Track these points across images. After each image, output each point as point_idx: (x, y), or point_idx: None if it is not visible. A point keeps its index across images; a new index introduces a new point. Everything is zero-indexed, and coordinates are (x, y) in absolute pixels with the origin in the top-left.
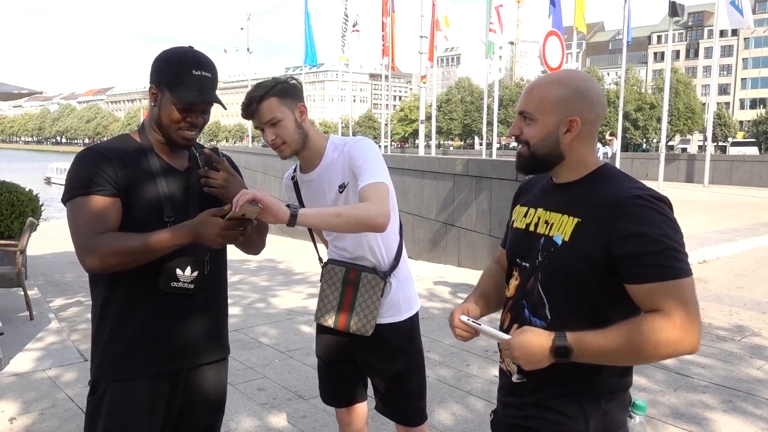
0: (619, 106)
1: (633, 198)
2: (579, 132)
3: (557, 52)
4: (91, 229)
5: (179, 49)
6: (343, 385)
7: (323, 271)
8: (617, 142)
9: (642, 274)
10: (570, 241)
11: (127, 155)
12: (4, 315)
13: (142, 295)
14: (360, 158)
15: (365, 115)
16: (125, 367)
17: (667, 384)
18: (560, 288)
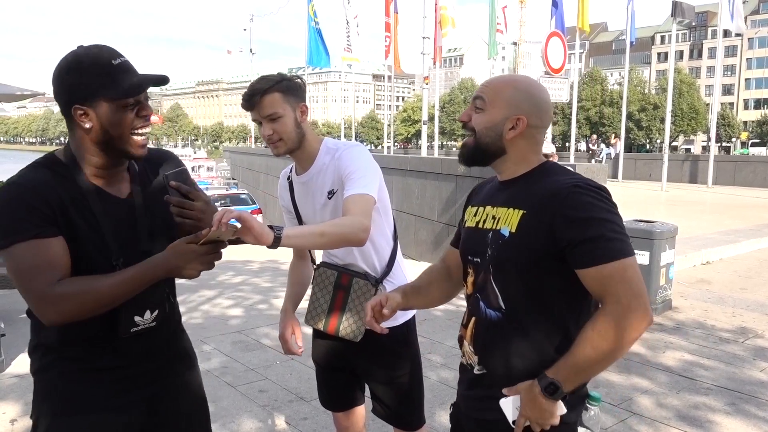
0: (622, 107)
1: (572, 188)
2: (522, 132)
3: (559, 53)
4: (45, 279)
5: (76, 52)
6: (340, 390)
7: (315, 274)
8: (620, 143)
9: (588, 258)
10: (516, 232)
11: (62, 187)
12: (5, 316)
13: (93, 332)
14: (349, 166)
15: (368, 115)
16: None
17: (670, 386)
18: (511, 278)
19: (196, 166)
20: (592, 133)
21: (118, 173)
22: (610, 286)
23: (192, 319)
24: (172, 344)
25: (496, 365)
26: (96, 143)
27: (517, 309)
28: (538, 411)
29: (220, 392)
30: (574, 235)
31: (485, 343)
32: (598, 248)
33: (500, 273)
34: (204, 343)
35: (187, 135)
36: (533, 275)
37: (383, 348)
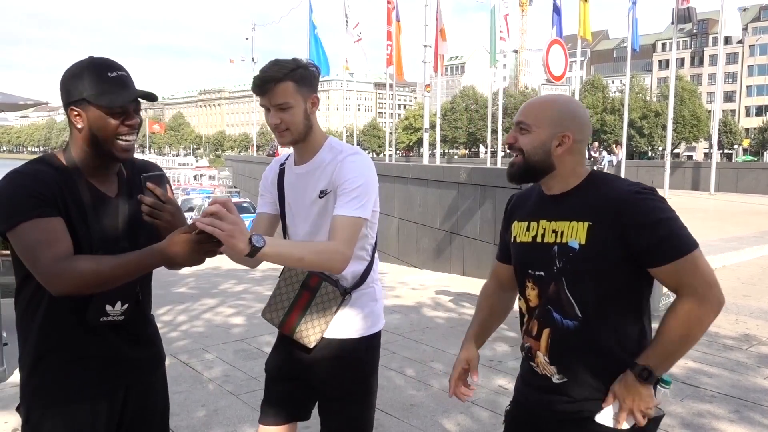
0: (624, 114)
1: (633, 194)
2: (570, 147)
3: (560, 61)
4: (51, 254)
5: (83, 61)
6: (286, 401)
7: (284, 269)
8: (622, 150)
9: (663, 257)
10: (587, 243)
11: (61, 178)
12: (8, 325)
13: (71, 322)
14: (347, 177)
15: (370, 123)
16: (60, 391)
17: (674, 394)
18: (586, 287)
19: (198, 175)
20: (594, 141)
21: (109, 174)
22: (685, 278)
23: (194, 328)
24: (142, 341)
25: (577, 370)
26: (85, 142)
27: (594, 316)
28: (637, 397)
29: (222, 401)
30: (647, 237)
31: (565, 353)
32: (671, 246)
33: (575, 284)
34: (206, 351)
35: (189, 144)
36: (609, 282)
37: (342, 360)
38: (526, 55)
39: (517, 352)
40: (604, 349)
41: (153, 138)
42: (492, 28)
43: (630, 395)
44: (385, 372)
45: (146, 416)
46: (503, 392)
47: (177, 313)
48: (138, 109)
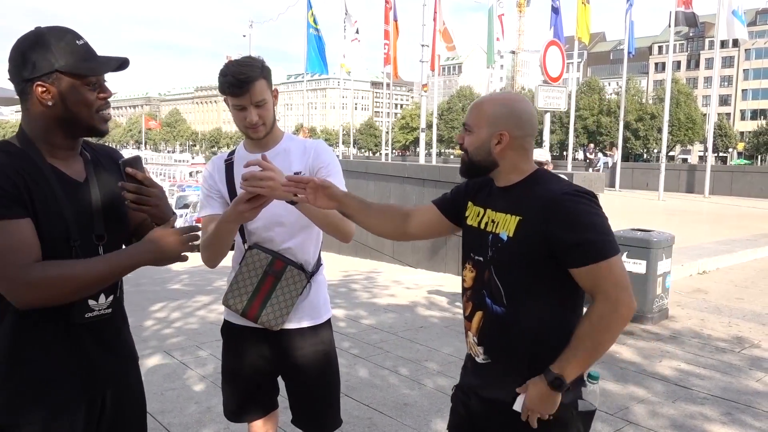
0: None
1: (563, 195)
2: (508, 144)
3: (558, 62)
4: (19, 261)
5: (40, 31)
6: (261, 395)
7: (246, 254)
8: (618, 152)
9: (579, 259)
10: (514, 236)
11: (23, 169)
12: None
13: (50, 327)
14: (329, 161)
15: (366, 122)
16: (40, 405)
17: (666, 396)
18: (511, 277)
19: (194, 172)
20: (590, 142)
21: (73, 155)
22: (599, 282)
23: (188, 325)
24: (122, 336)
25: (499, 356)
26: (56, 120)
27: (518, 305)
28: (543, 404)
29: (215, 398)
30: (566, 238)
31: (491, 336)
32: (588, 250)
33: (502, 273)
34: (200, 348)
35: (185, 140)
36: (531, 275)
37: (311, 346)
38: (522, 56)
39: None
40: (526, 338)
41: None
42: (489, 28)
43: (539, 399)
44: (379, 371)
45: (124, 420)
46: None
47: (171, 309)
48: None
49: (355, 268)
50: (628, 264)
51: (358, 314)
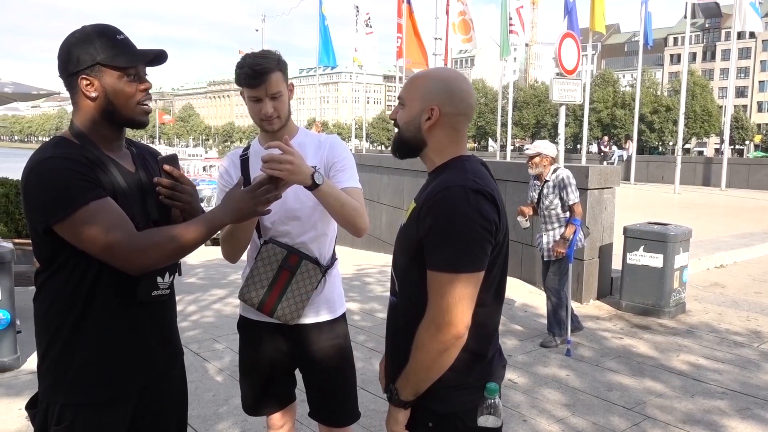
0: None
1: (443, 188)
2: (438, 121)
3: (573, 55)
4: (126, 231)
5: (85, 28)
6: (278, 388)
7: (262, 249)
8: (633, 145)
9: (426, 260)
10: (406, 223)
11: (86, 158)
12: (21, 313)
13: (114, 309)
14: (343, 155)
15: (379, 116)
16: (101, 388)
17: (684, 390)
18: (399, 266)
19: (207, 166)
20: (604, 135)
21: (121, 147)
22: (430, 293)
23: (204, 318)
24: (173, 325)
25: (387, 344)
26: (101, 111)
27: (403, 296)
28: (389, 415)
29: (233, 391)
30: (423, 235)
31: (387, 326)
32: (432, 255)
33: (394, 260)
34: (216, 341)
35: (198, 135)
36: (410, 267)
37: (328, 341)
38: (536, 48)
39: (525, 347)
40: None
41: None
42: (503, 20)
43: (389, 412)
44: None
45: (166, 416)
46: (512, 386)
47: (187, 303)
48: (145, 73)
49: (368, 262)
50: (645, 258)
51: (373, 308)
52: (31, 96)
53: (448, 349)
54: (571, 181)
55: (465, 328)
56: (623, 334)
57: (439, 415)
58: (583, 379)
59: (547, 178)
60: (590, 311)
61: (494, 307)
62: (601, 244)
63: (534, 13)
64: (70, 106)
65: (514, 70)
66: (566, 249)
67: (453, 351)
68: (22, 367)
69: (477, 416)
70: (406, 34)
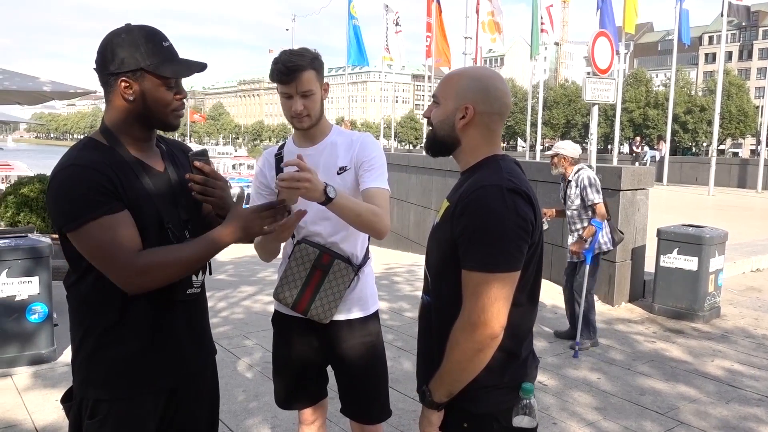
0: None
1: (479, 188)
2: (472, 120)
3: (607, 54)
4: (127, 251)
5: (131, 29)
6: (310, 384)
7: (295, 249)
8: (666, 145)
9: (461, 259)
10: (440, 222)
11: (114, 164)
12: (57, 307)
13: (146, 307)
14: (372, 154)
15: (407, 115)
16: (135, 384)
17: (719, 396)
18: (433, 266)
19: (237, 164)
20: (636, 136)
21: (151, 147)
22: (465, 292)
23: (234, 315)
24: (206, 323)
25: (420, 345)
26: (135, 114)
27: (436, 296)
28: (422, 416)
29: (263, 387)
30: (458, 234)
31: (419, 324)
32: (468, 253)
33: (427, 260)
34: (246, 338)
35: (228, 133)
36: (444, 266)
37: (359, 338)
38: (566, 48)
39: (555, 348)
40: (438, 332)
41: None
42: (533, 19)
43: (422, 413)
44: (412, 358)
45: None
46: (542, 388)
47: (217, 299)
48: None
49: (396, 261)
50: (679, 260)
51: (401, 307)
52: (68, 94)
53: (484, 349)
54: (591, 181)
55: (500, 328)
56: (656, 338)
57: (475, 416)
58: (615, 382)
59: (570, 178)
60: (622, 314)
61: (529, 307)
62: (634, 246)
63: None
64: (103, 104)
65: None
66: (582, 249)
67: (488, 351)
68: (58, 359)
69: (512, 416)
70: (435, 33)
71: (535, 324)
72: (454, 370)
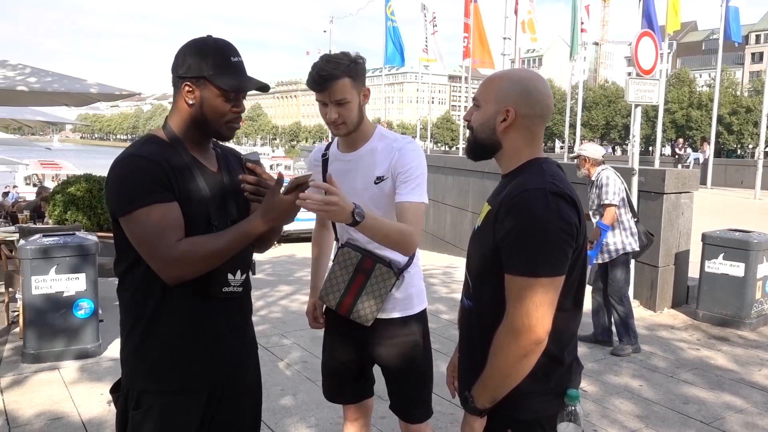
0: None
1: (522, 191)
2: (513, 122)
3: (650, 54)
4: (169, 239)
5: (206, 39)
6: (352, 382)
7: (338, 253)
8: (710, 147)
9: (504, 264)
10: (480, 225)
11: (170, 158)
12: (103, 303)
13: (190, 302)
14: (410, 165)
15: (443, 116)
16: (178, 377)
17: (766, 406)
18: (474, 270)
19: (274, 164)
20: (678, 137)
21: (207, 149)
22: (509, 297)
23: (272, 314)
24: (247, 322)
25: (461, 350)
26: (192, 118)
27: (478, 300)
28: (465, 422)
29: (300, 386)
30: (501, 238)
31: (461, 330)
32: (512, 257)
33: (468, 264)
34: (284, 337)
35: (265, 134)
36: (486, 270)
37: (403, 336)
38: (606, 47)
39: (596, 354)
40: (481, 336)
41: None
42: (573, 18)
43: (464, 420)
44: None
45: (238, 404)
46: (582, 394)
47: (255, 298)
48: (245, 97)
49: (432, 263)
50: (725, 266)
51: (438, 309)
52: (114, 96)
53: (528, 355)
54: (607, 181)
55: (545, 333)
56: (700, 345)
57: (519, 422)
58: (657, 390)
59: (592, 178)
60: (665, 320)
61: (573, 312)
62: (677, 250)
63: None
64: (146, 105)
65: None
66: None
67: (532, 357)
68: (103, 354)
69: (557, 423)
70: (473, 34)
71: None
72: (497, 376)
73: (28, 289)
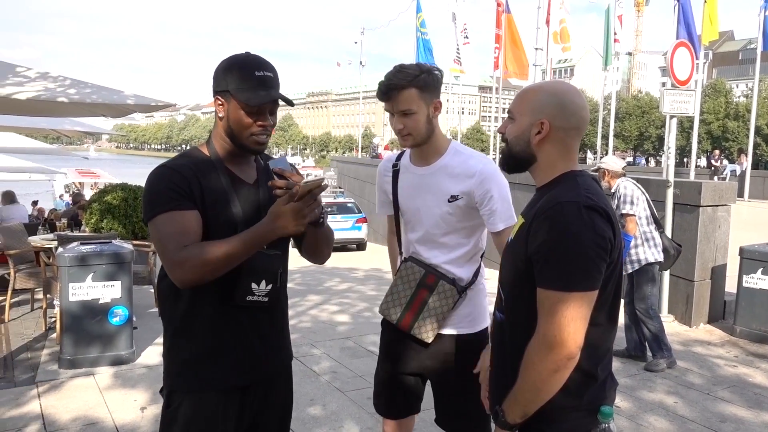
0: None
1: (555, 204)
2: (548, 135)
3: (686, 65)
4: (177, 243)
5: (238, 55)
6: (404, 395)
7: (401, 267)
8: (747, 159)
9: (537, 277)
10: (513, 239)
11: (199, 170)
12: (137, 311)
13: (219, 307)
14: (490, 194)
15: (473, 127)
16: (203, 379)
17: None
18: (506, 283)
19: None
20: (714, 149)
21: (248, 161)
22: (540, 311)
23: (301, 323)
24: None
25: (495, 363)
26: (225, 131)
27: (511, 314)
28: None
29: (330, 396)
30: (533, 251)
31: (493, 344)
32: (543, 272)
33: (501, 277)
34: (314, 347)
35: (296, 144)
36: (518, 283)
37: (460, 355)
38: (640, 58)
39: (629, 369)
40: (512, 351)
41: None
42: (606, 29)
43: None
44: None
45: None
46: (615, 410)
47: None
48: (274, 111)
49: None
50: (764, 281)
51: None
52: (150, 107)
53: (560, 369)
54: (625, 191)
55: (577, 348)
56: (737, 362)
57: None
58: (693, 407)
59: (613, 190)
60: (700, 336)
61: (608, 326)
62: (714, 264)
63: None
64: (179, 116)
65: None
66: None
67: (564, 372)
68: (137, 360)
69: None
70: (506, 45)
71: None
72: (528, 390)
73: (65, 296)
